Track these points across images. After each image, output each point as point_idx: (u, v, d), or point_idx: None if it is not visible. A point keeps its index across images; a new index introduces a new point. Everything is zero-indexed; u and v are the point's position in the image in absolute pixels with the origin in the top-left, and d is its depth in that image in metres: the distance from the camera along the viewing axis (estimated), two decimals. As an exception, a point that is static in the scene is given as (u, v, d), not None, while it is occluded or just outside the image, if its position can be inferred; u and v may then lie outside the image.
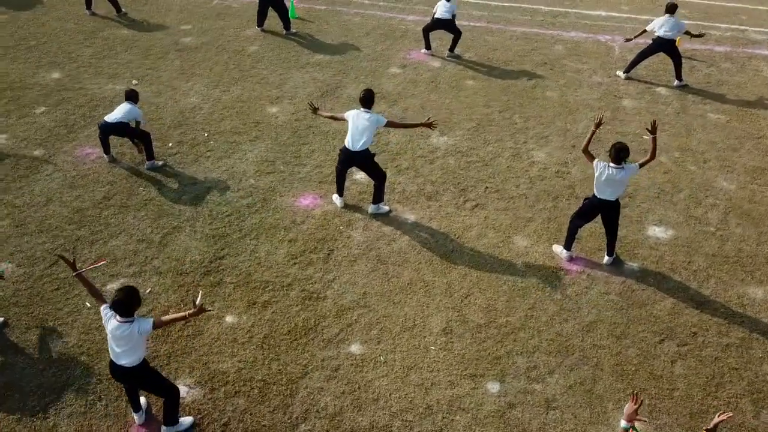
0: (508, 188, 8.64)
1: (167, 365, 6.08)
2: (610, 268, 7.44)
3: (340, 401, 5.83)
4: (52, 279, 6.96)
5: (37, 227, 7.66)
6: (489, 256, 7.53)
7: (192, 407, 5.71)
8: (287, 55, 11.94)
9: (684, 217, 8.26)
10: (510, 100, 10.75)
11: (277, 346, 6.32)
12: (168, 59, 11.62)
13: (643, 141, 9.54)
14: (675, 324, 6.75)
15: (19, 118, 9.73)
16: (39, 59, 11.43)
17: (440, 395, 5.92)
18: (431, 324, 6.63)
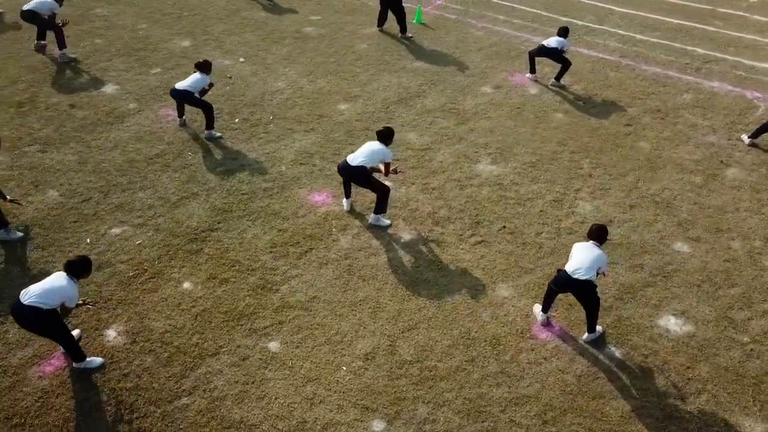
0: (526, 233, 7.96)
1: (114, 309, 6.74)
2: (587, 346, 6.55)
3: (229, 389, 5.99)
4: (76, 213, 8.04)
5: (92, 167, 8.86)
6: (459, 295, 7.06)
7: (109, 351, 6.29)
8: (389, 57, 12.11)
9: (717, 316, 6.92)
10: (591, 142, 9.78)
11: (208, 321, 6.66)
12: (282, 44, 12.47)
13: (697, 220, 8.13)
14: (622, 431, 5.76)
15: (136, 74, 11.23)
16: (180, 28, 12.99)
17: (321, 415, 5.79)
18: (358, 345, 6.46)
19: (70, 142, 9.34)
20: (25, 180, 8.55)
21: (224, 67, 11.51)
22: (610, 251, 7.67)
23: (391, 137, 7.83)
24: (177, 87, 9.35)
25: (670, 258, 7.67)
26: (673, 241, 7.92)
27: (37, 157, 9.00)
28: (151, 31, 12.78)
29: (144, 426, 5.64)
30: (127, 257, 7.39)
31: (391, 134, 7.83)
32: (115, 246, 7.54)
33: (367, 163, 7.62)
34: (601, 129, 10.13)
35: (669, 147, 9.75)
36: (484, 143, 9.66)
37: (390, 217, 8.13)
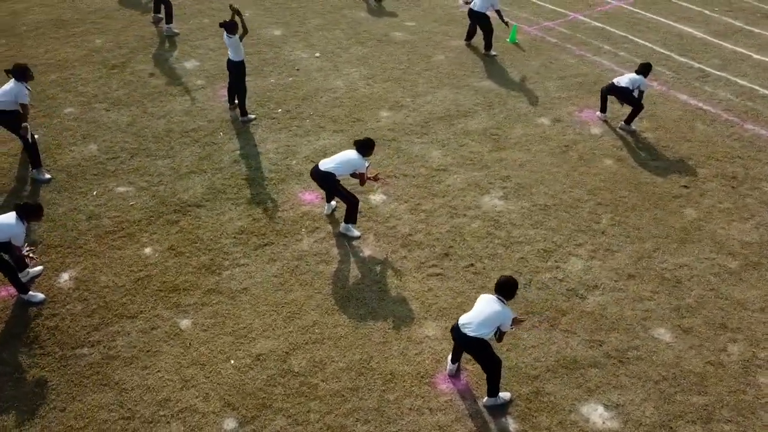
0: (492, 277, 7.37)
1: (80, 256, 7.51)
2: (483, 410, 5.96)
3: (124, 351, 6.41)
4: (100, 167, 9.01)
5: (136, 131, 9.84)
6: (382, 322, 6.79)
7: (54, 291, 7.04)
8: (459, 72, 11.77)
9: (657, 422, 5.89)
10: (628, 197, 8.72)
11: (144, 287, 7.15)
12: (363, 46, 12.69)
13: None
14: (466, 508, 5.19)
15: (219, 54, 12.15)
16: (280, 17, 13.77)
17: (186, 398, 5.98)
18: (257, 344, 6.53)
19: (132, 106, 10.45)
20: (79, 131, 9.77)
21: (298, 59, 12.03)
22: (574, 319, 6.87)
23: (369, 148, 7.69)
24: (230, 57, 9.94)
25: (641, 343, 6.66)
26: (656, 326, 6.86)
27: (99, 114, 10.22)
28: (254, 17, 13.71)
29: (41, 362, 6.28)
30: (115, 214, 8.16)
31: (371, 146, 7.69)
32: (112, 202, 8.37)
33: (337, 170, 7.58)
34: (649, 186, 8.97)
35: (720, 220, 8.37)
36: (505, 175, 9.07)
37: (364, 230, 8.03)
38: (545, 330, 6.76)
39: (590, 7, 14.64)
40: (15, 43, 12.39)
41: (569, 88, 11.36)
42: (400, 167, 9.18)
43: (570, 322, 6.84)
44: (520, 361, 6.41)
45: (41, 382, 6.09)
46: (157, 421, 5.78)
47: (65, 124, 9.93)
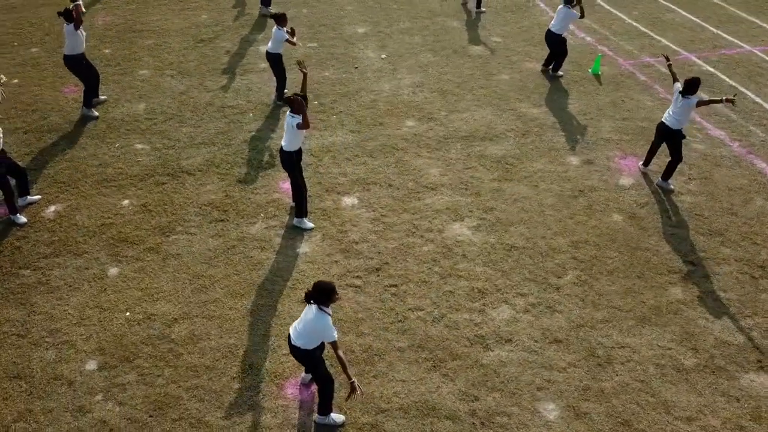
0: (408, 302, 7.07)
1: (73, 195, 8.58)
2: (312, 426, 5.83)
3: (52, 281, 7.27)
4: (134, 125, 10.13)
5: (183, 100, 10.85)
6: (273, 316, 6.89)
7: (36, 218, 8.16)
8: (512, 95, 11.16)
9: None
10: (612, 260, 7.75)
11: (103, 232, 7.99)
12: (436, 54, 12.56)
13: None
14: None
15: (300, 41, 12.87)
16: (373, 15, 14.10)
17: (72, 333, 6.64)
18: (157, 306, 7.00)
19: (194, 77, 11.53)
20: (139, 92, 11.05)
21: (364, 58, 12.31)
22: (463, 367, 6.39)
23: (298, 107, 7.45)
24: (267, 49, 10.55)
25: (517, 412, 5.98)
26: (547, 400, 6.10)
27: (164, 80, 11.44)
28: (351, 13, 14.23)
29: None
30: (120, 166, 9.17)
31: (296, 103, 7.44)
32: (125, 156, 9.40)
33: (288, 145, 7.67)
34: (648, 253, 7.88)
35: (709, 310, 7.11)
36: (490, 207, 8.54)
37: (317, 228, 8.13)
38: (425, 369, 6.37)
39: (714, 48, 12.96)
40: (140, 8, 14.25)
41: (626, 131, 10.25)
42: (391, 177, 9.08)
43: (455, 369, 6.37)
44: (377, 390, 6.14)
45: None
46: (40, 345, 6.53)
47: (133, 84, 11.28)
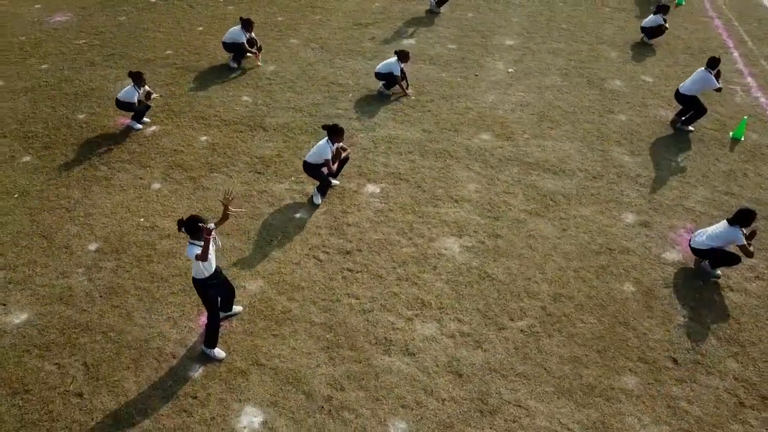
0: (355, 288, 7.36)
1: (175, 123, 10.39)
2: (197, 351, 6.60)
3: (120, 180, 9.06)
4: (258, 82, 11.68)
5: (309, 72, 12.12)
6: (244, 258, 7.74)
7: (144, 135, 10.12)
8: (616, 136, 10.22)
9: None
10: (586, 325, 7.00)
11: (165, 156, 9.60)
12: (563, 79, 11.96)
13: None
14: None
15: (434, 42, 13.30)
16: (532, 30, 13.80)
17: (65, 244, 8.32)
18: (162, 222, 8.34)
19: (329, 54, 12.75)
20: (278, 57, 12.61)
21: (490, 67, 12.30)
22: (358, 359, 6.57)
23: (337, 134, 8.28)
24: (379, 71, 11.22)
25: (371, 368, 6.00)
26: (395, 419, 6.00)
27: (303, 51, 12.85)
28: (512, 25, 14.14)
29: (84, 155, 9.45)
30: (220, 110, 10.77)
31: (336, 131, 8.27)
32: (229, 103, 10.98)
33: (311, 157, 8.44)
34: (629, 331, 6.95)
35: (656, 419, 6.11)
36: (497, 234, 8.22)
37: (329, 203, 8.73)
38: (319, 347, 6.65)
39: None
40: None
41: (720, 206, 8.82)
42: (425, 179, 9.21)
43: (344, 358, 6.53)
44: (267, 346, 6.65)
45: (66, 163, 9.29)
46: (73, 221, 8.32)
47: (279, 48, 12.92)
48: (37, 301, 7.16)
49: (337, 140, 8.43)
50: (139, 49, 12.85)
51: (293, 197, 8.84)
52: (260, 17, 14.34)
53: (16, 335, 6.76)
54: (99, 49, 12.88)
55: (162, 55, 12.65)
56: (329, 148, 8.37)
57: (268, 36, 13.37)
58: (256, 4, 15.13)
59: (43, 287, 7.32)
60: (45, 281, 7.40)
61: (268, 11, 14.72)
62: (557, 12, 14.87)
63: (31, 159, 9.53)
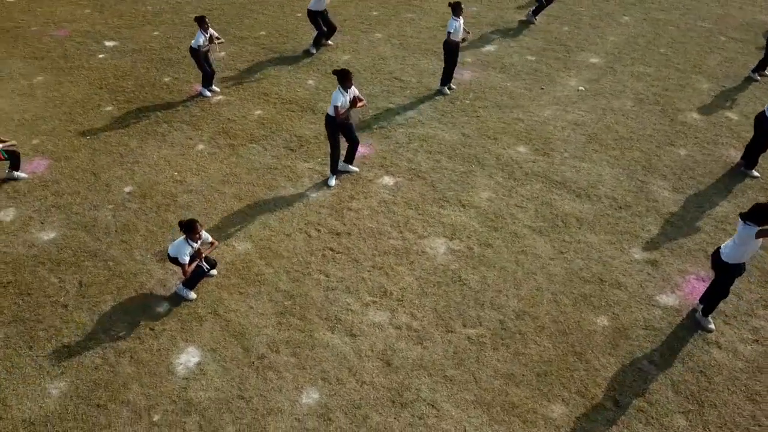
0: (330, 268, 7.77)
1: (231, 95, 11.39)
2: (173, 289, 7.39)
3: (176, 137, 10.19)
4: (323, 69, 12.37)
5: (371, 64, 12.60)
6: (243, 221, 8.45)
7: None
8: (666, 168, 9.57)
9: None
10: (539, 351, 6.83)
11: (216, 123, 10.56)
12: (643, 105, 11.33)
13: None
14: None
15: (512, 52, 13.15)
16: (622, 53, 13.12)
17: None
18: (191, 179, 9.27)
19: (405, 51, 13.12)
20: (356, 48, 13.21)
21: (561, 83, 11.98)
22: (302, 329, 7.01)
23: (344, 79, 8.49)
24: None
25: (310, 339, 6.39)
26: (307, 386, 6.31)
27: (382, 46, 13.33)
28: (607, 44, 13.57)
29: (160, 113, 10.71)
30: (283, 90, 11.59)
31: (344, 76, 8.49)
32: (294, 85, 11.76)
33: (329, 110, 8.81)
34: (582, 365, 6.66)
35: (570, 448, 5.89)
36: (489, 243, 8.17)
37: (342, 188, 9.17)
38: (274, 311, 7.15)
39: None
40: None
41: (751, 260, 8.03)
42: (442, 180, 9.31)
43: (290, 324, 6.98)
44: (229, 300, 7.27)
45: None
46: (122, 165, 9.53)
47: (360, 41, 13.52)
48: (67, 225, 8.38)
49: (347, 85, 8.61)
50: (238, 27, 14.10)
51: (312, 177, 9.39)
52: (356, 10, 15.03)
53: (40, 249, 8.01)
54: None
55: (255, 35, 13.79)
56: (339, 95, 8.60)
57: (357, 28, 14.03)
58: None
59: (76, 215, 8.54)
60: (79, 210, 8.62)
61: (364, 5, 15.38)
62: (662, 35, 13.98)
63: (112, 109, 10.99)
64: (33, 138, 10.16)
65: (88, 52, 12.96)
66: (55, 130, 10.38)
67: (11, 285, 7.47)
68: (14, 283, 7.50)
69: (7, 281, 7.52)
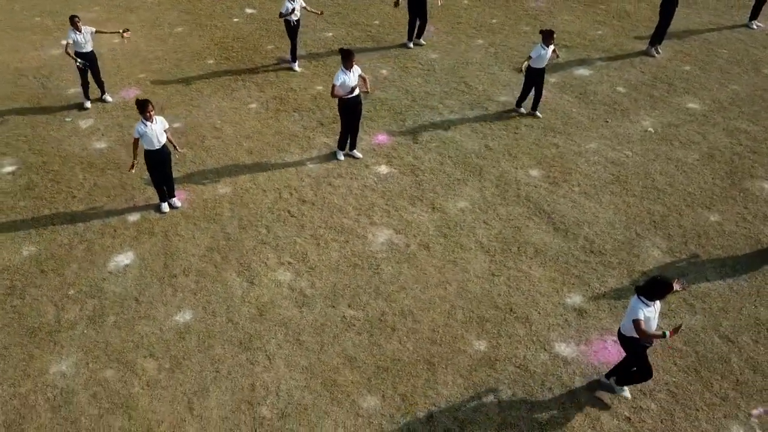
0: (279, 231, 8.65)
1: (314, 74, 12.59)
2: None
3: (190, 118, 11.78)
4: (405, 66, 12.96)
5: (482, 67, 12.84)
6: (267, 172, 9.68)
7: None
8: (675, 230, 8.58)
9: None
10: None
11: (279, 91, 11.84)
12: (704, 161, 10.10)
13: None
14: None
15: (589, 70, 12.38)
16: (725, 95, 11.59)
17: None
18: (227, 129, 10.70)
19: (489, 60, 13.12)
20: (449, 50, 13.55)
21: (631, 122, 11.12)
22: (221, 281, 8.05)
23: (345, 59, 8.91)
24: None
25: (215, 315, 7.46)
26: (215, 345, 7.28)
27: (477, 53, 13.48)
28: (717, 89, 12.12)
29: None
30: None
31: (344, 56, 8.91)
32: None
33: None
34: (413, 379, 6.67)
35: (356, 437, 6.09)
36: (430, 249, 8.30)
37: (344, 167, 9.89)
38: (209, 242, 8.26)
39: None
40: (561, 9, 15.71)
41: (698, 344, 7.07)
42: (431, 181, 9.51)
43: (226, 266, 8.03)
44: (182, 245, 8.54)
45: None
46: (190, 114, 11.35)
47: (457, 45, 13.82)
48: (117, 141, 10.38)
49: (347, 65, 8.91)
50: (358, 14, 15.27)
51: (322, 150, 10.24)
52: (476, 15, 15.23)
53: (88, 153, 10.09)
54: (334, 8, 15.70)
55: (369, 22, 14.83)
56: (341, 74, 9.00)
57: (464, 32, 14.31)
58: (487, 5, 15.93)
59: (127, 135, 10.49)
60: (131, 131, 10.58)
61: (488, 12, 15.47)
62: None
63: (212, 63, 12.95)
64: (142, 72, 12.51)
65: (228, 15, 15.21)
66: (161, 70, 12.62)
67: (52, 173, 9.63)
68: (54, 173, 9.64)
69: (53, 170, 9.70)
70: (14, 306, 7.44)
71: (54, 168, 9.75)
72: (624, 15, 15.32)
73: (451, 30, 14.38)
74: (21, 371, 6.69)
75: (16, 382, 6.57)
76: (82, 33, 10.49)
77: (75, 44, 10.55)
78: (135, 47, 13.50)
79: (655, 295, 5.75)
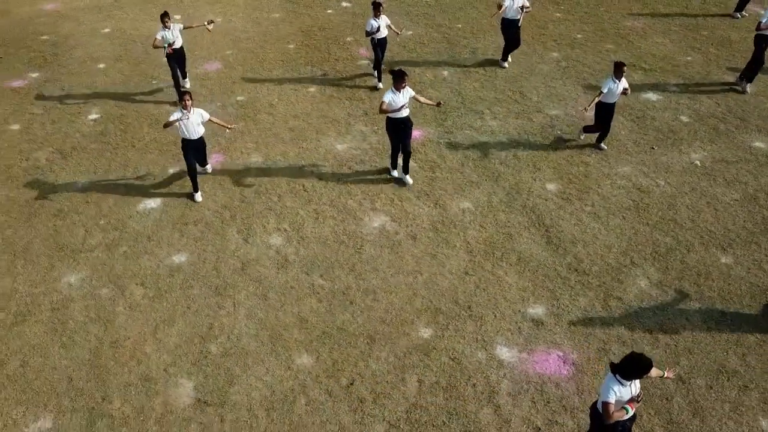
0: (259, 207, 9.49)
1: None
2: (188, 165, 10.14)
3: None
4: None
5: (511, 77, 12.90)
6: (278, 152, 10.65)
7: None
8: (676, 264, 8.24)
9: (125, 226, 8.87)
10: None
11: (326, 70, 12.66)
12: (735, 183, 9.48)
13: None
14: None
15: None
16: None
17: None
18: (243, 94, 11.72)
19: (519, 67, 13.00)
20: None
21: (681, 152, 10.61)
22: (217, 236, 9.05)
23: (396, 80, 8.91)
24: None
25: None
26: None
27: (536, 56, 13.42)
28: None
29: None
30: (416, 71, 13.02)
31: (395, 76, 8.90)
32: (430, 74, 13.05)
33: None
34: (343, 360, 7.15)
35: None
36: (410, 234, 8.69)
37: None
38: (223, 200, 9.27)
39: None
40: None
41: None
42: (446, 179, 9.83)
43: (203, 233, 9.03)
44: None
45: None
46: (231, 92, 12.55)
47: (532, 56, 13.82)
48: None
49: (399, 86, 8.86)
50: (444, 16, 15.66)
51: (356, 136, 10.91)
52: (563, 29, 15.02)
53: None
54: (422, 8, 16.21)
55: (451, 25, 15.20)
56: (390, 92, 8.96)
57: (543, 45, 14.23)
58: (580, 20, 15.54)
59: (202, 99, 11.85)
60: (201, 100, 11.93)
61: (577, 27, 15.18)
62: None
63: (292, 47, 14.07)
64: (229, 49, 13.94)
65: (325, 6, 16.33)
66: (246, 49, 13.97)
67: (124, 125, 11.19)
68: (126, 125, 11.20)
69: (126, 122, 11.27)
70: (55, 225, 8.95)
71: (128, 120, 11.34)
72: (725, 43, 14.36)
73: (531, 41, 14.37)
74: (41, 276, 8.10)
75: (34, 284, 7.99)
76: (171, 29, 11.26)
77: (164, 40, 11.13)
78: (232, 27, 15.02)
79: (633, 375, 5.18)
